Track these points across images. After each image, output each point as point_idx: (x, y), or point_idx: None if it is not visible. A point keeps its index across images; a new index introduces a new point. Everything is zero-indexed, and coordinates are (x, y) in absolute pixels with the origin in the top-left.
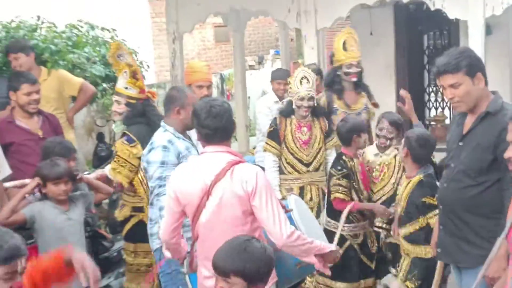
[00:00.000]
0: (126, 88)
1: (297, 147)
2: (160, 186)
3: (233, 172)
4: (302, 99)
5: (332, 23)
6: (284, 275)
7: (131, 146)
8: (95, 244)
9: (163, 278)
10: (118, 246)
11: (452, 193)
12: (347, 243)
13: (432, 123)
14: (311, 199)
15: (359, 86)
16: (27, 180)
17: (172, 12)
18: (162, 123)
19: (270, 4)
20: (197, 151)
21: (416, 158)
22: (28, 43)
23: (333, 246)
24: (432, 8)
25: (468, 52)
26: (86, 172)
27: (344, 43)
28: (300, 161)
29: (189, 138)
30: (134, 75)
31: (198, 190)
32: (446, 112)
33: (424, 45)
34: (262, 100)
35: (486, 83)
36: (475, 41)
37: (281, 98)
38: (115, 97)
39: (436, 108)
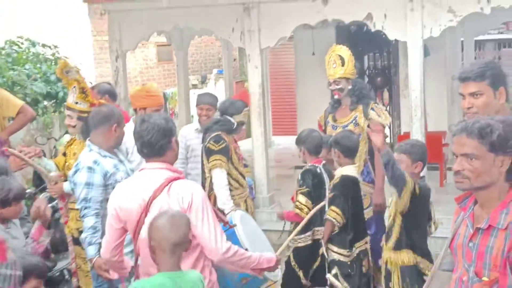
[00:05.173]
0: (77, 103)
1: (238, 162)
2: (85, 208)
3: (171, 188)
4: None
5: (276, 42)
6: None
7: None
8: None
9: None
10: (60, 265)
11: None
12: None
13: None
14: (247, 210)
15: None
16: None
17: (115, 30)
18: (87, 142)
19: (214, 23)
20: (126, 167)
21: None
22: None
23: (273, 258)
24: (373, 30)
25: (494, 64)
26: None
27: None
28: (242, 175)
29: (116, 155)
30: (83, 91)
31: (137, 207)
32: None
33: (365, 65)
34: (186, 128)
35: (507, 100)
36: (414, 62)
37: (203, 124)
38: (67, 112)
39: None
